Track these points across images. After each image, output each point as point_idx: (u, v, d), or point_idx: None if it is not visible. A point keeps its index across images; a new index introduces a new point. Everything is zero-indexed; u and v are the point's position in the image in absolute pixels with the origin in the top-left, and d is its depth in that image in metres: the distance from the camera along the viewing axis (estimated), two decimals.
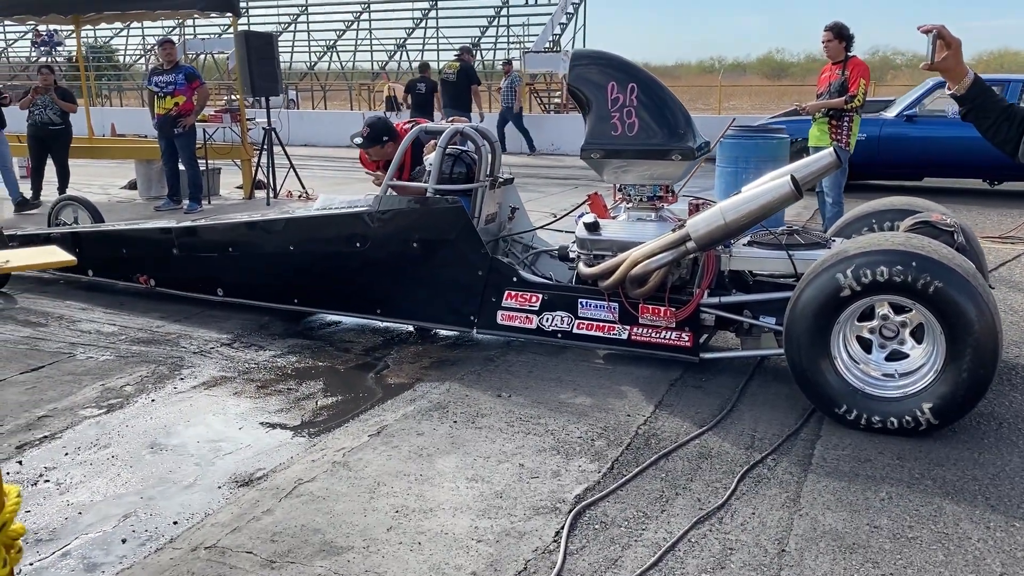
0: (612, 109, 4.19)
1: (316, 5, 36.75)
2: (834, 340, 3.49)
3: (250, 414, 3.72)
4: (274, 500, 2.94)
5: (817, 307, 3.46)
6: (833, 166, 4.32)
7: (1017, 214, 8.78)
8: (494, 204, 4.84)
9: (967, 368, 3.23)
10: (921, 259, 3.27)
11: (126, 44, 38.61)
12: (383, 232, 4.60)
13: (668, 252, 3.92)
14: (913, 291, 3.29)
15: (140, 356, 4.46)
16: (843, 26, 6.59)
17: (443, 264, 4.52)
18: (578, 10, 32.68)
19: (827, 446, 3.35)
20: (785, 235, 4.13)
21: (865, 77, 6.47)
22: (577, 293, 4.29)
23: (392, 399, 3.87)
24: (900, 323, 3.54)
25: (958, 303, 3.21)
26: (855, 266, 3.36)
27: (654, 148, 4.19)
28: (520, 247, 5.00)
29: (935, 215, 4.04)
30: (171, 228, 5.36)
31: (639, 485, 3.05)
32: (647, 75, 4.28)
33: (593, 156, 4.28)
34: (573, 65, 4.29)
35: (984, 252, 4.55)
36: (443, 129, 4.72)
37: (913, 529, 2.74)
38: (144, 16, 10.74)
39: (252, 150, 10.20)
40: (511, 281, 4.41)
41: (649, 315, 4.12)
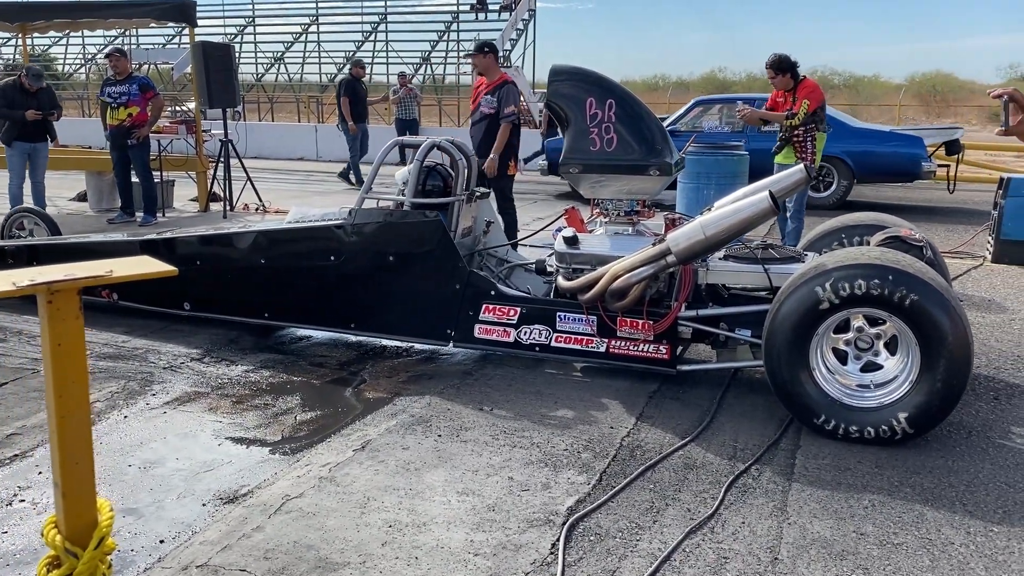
0: (591, 124, 4.24)
1: (264, 16, 36.41)
2: (813, 352, 3.57)
3: (228, 430, 3.66)
4: (263, 517, 2.89)
5: (796, 320, 3.54)
6: (804, 181, 4.44)
7: (963, 229, 9.10)
8: (469, 218, 4.85)
9: (941, 378, 3.33)
10: (897, 273, 3.37)
11: (65, 53, 37.71)
12: (358, 245, 4.57)
13: (648, 266, 3.97)
14: (890, 304, 3.39)
15: (108, 372, 4.34)
16: (780, 59, 6.65)
17: (420, 278, 4.51)
18: (527, 26, 32.95)
19: (807, 456, 3.42)
20: (760, 249, 4.22)
21: (811, 99, 6.55)
22: (556, 306, 4.32)
23: (373, 413, 3.83)
24: (875, 335, 3.64)
25: (933, 315, 3.32)
26: (833, 279, 3.45)
27: (632, 163, 4.25)
28: (495, 261, 5.02)
29: (904, 230, 4.17)
30: (135, 240, 5.25)
31: (629, 496, 3.07)
32: (625, 91, 4.35)
33: (572, 171, 4.32)
34: (552, 80, 4.33)
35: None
36: (420, 142, 4.72)
37: (898, 535, 2.81)
38: (95, 24, 10.50)
39: (208, 162, 10.03)
40: (489, 295, 4.42)
41: (627, 328, 4.16)
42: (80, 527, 2.20)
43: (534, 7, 32.92)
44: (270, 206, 10.06)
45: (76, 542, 2.16)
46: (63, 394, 2.17)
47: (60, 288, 2.14)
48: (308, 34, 34.52)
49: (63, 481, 2.18)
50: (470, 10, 32.93)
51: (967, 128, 36.40)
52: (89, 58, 37.16)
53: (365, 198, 4.61)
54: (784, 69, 6.67)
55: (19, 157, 8.62)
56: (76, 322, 2.17)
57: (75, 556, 2.13)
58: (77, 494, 2.23)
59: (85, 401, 2.24)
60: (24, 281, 2.07)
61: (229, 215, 9.59)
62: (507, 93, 6.65)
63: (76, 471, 2.21)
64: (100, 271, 2.19)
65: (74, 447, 2.20)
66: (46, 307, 2.16)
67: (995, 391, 4.18)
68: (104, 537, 2.18)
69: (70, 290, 2.16)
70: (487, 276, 4.56)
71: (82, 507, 2.23)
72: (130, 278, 2.24)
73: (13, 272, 2.13)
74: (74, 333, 2.19)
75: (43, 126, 8.70)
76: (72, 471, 2.20)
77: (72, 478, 2.20)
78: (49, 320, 2.12)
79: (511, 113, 6.60)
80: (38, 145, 8.72)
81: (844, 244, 4.48)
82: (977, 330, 5.23)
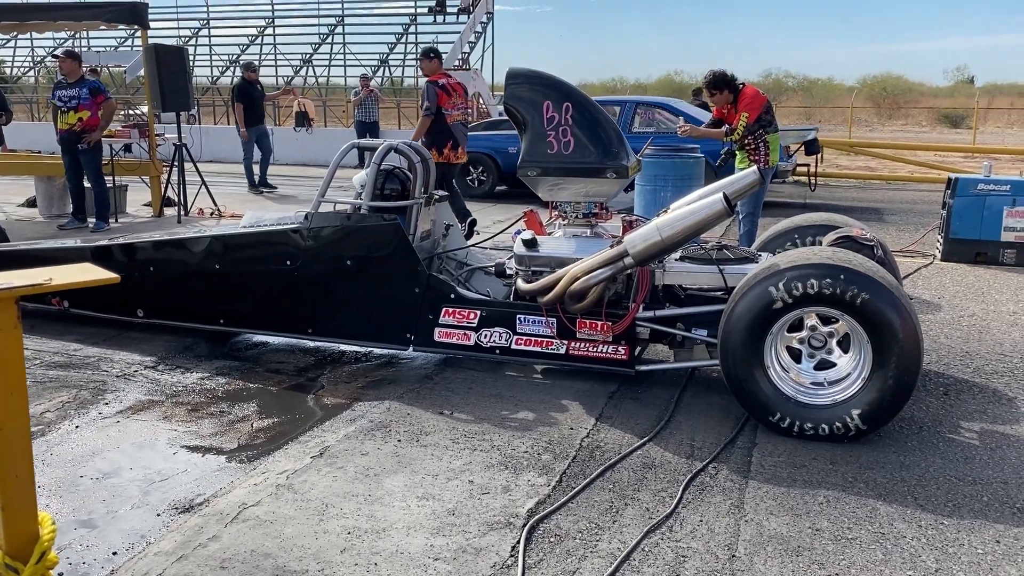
0: (548, 128, 4.25)
1: (219, 19, 35.94)
2: (767, 351, 3.62)
3: (183, 438, 3.60)
4: (219, 526, 2.85)
5: (750, 319, 3.59)
6: (756, 183, 4.50)
7: (914, 229, 9.30)
8: (428, 221, 4.84)
9: (893, 375, 3.40)
10: (849, 272, 3.44)
11: (14, 56, 36.88)
12: (315, 249, 4.53)
13: (606, 268, 3.99)
14: (842, 303, 3.45)
15: (59, 381, 4.25)
16: (716, 78, 6.60)
17: (379, 282, 4.48)
18: (486, 29, 32.96)
19: (763, 453, 3.46)
20: (715, 250, 4.27)
21: (750, 111, 6.48)
22: (515, 309, 4.32)
23: (331, 419, 3.80)
24: (828, 333, 3.71)
25: (884, 313, 3.39)
26: (786, 279, 3.51)
27: (589, 166, 4.27)
28: (454, 264, 5.00)
29: (856, 230, 4.25)
30: (87, 247, 5.14)
31: (588, 497, 3.09)
32: (581, 95, 4.36)
33: (529, 173, 4.33)
34: (508, 84, 4.34)
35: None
36: (377, 145, 4.69)
37: (852, 530, 2.86)
38: (45, 27, 10.26)
39: (161, 166, 9.87)
40: (448, 298, 4.41)
41: (587, 330, 4.18)
42: (21, 542, 2.16)
43: (492, 10, 32.95)
44: (225, 210, 9.92)
45: (17, 557, 2.13)
46: (1, 407, 2.12)
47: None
48: (264, 36, 34.17)
49: (2, 495, 2.14)
50: (428, 13, 32.84)
51: (917, 129, 37.11)
52: (38, 61, 36.39)
53: (321, 202, 4.58)
54: (720, 87, 6.62)
55: None
56: (14, 332, 2.13)
57: (16, 572, 2.08)
58: (17, 508, 2.19)
59: (24, 413, 2.20)
60: None
61: (183, 220, 9.45)
62: (427, 90, 8.01)
63: (15, 485, 2.16)
64: (39, 279, 2.15)
65: (13, 460, 2.16)
66: None
67: (945, 387, 4.27)
68: (46, 551, 2.14)
69: (7, 299, 2.11)
70: (446, 279, 4.55)
71: (23, 521, 2.19)
72: (70, 286, 2.20)
73: None
74: (12, 344, 2.15)
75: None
76: (11, 485, 2.16)
77: (12, 492, 2.16)
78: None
79: (427, 108, 7.91)
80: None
81: (797, 244, 4.55)
82: (927, 327, 5.35)
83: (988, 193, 7.31)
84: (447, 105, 7.96)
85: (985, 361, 4.68)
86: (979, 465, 3.36)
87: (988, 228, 7.29)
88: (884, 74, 50.60)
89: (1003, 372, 4.49)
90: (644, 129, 11.30)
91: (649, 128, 11.34)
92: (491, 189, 12.09)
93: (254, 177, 12.71)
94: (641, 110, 11.71)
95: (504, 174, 11.82)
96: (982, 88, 43.05)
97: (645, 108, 11.78)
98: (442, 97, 7.94)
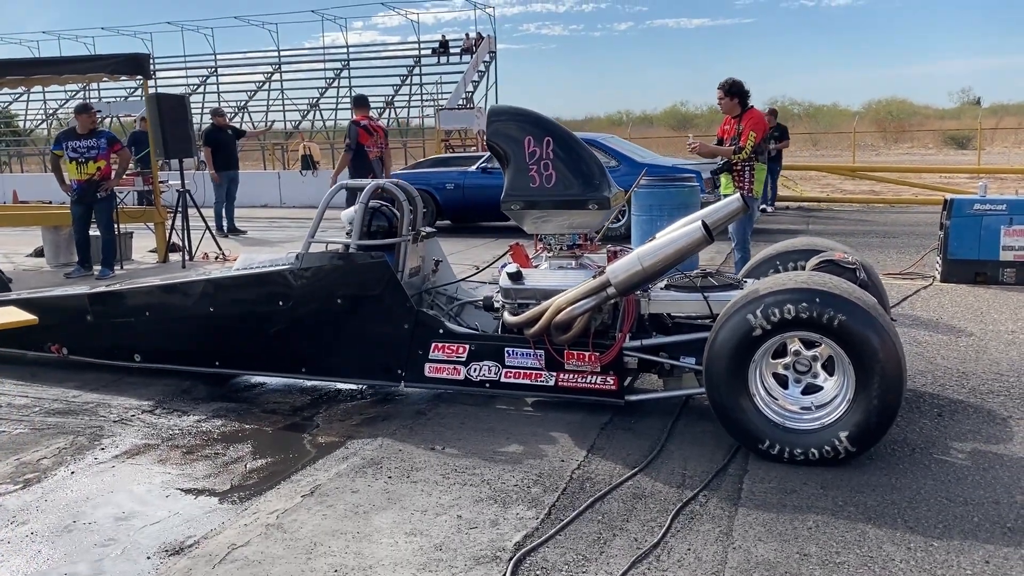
0: (530, 162, 4.31)
1: (226, 66, 36.60)
2: (752, 378, 3.63)
3: (176, 481, 3.63)
4: (207, 567, 2.87)
5: (732, 347, 3.60)
6: (740, 210, 4.51)
7: (914, 251, 9.29)
8: (417, 257, 4.89)
9: (876, 395, 3.40)
10: (823, 295, 3.45)
11: (26, 109, 37.61)
12: (306, 289, 4.59)
13: (590, 298, 4.02)
14: (819, 326, 3.46)
15: (57, 427, 4.30)
16: (733, 83, 6.73)
17: (369, 319, 4.52)
18: (489, 68, 33.39)
19: (754, 480, 3.45)
20: (700, 278, 4.29)
21: (757, 130, 6.60)
22: (503, 342, 4.35)
23: (324, 458, 3.82)
24: (811, 357, 3.72)
25: (862, 334, 3.39)
26: (764, 305, 3.52)
27: (571, 199, 4.32)
28: (445, 299, 5.05)
29: (838, 254, 4.27)
30: (83, 294, 5.22)
31: (577, 529, 3.08)
32: (562, 129, 4.42)
33: (513, 207, 4.38)
34: (491, 121, 4.40)
35: (886, 287, 4.81)
36: (364, 185, 4.76)
37: (840, 555, 2.84)
38: (50, 80, 10.49)
39: (166, 213, 10.01)
40: (438, 333, 4.44)
41: (575, 361, 4.19)
42: None
43: (495, 49, 33.43)
44: (230, 255, 10.03)
45: None
46: None
47: None
48: (271, 83, 34.73)
49: None
50: (432, 54, 33.36)
51: (923, 151, 36.99)
52: (50, 113, 37.05)
53: (311, 242, 4.64)
54: (735, 93, 6.74)
55: None
56: None
57: None
58: None
59: None
60: None
61: (188, 265, 9.55)
62: (348, 129, 9.47)
63: None
64: None
65: None
66: None
67: (939, 408, 4.25)
68: None
69: None
70: (436, 315, 4.59)
71: None
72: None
73: None
74: None
75: None
76: None
77: None
78: None
79: (347, 144, 9.36)
80: None
81: (779, 270, 4.56)
82: (924, 348, 5.34)
83: (985, 213, 7.32)
84: (368, 143, 9.29)
85: (981, 381, 4.66)
86: (970, 485, 3.34)
87: (986, 248, 7.29)
88: (889, 98, 50.83)
89: (998, 392, 4.47)
90: None
91: None
92: (431, 223, 12.38)
93: (223, 222, 12.85)
94: None
95: (442, 209, 12.44)
96: (988, 109, 43.11)
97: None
98: (363, 135, 9.26)
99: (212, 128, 13.22)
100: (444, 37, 34.04)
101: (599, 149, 11.76)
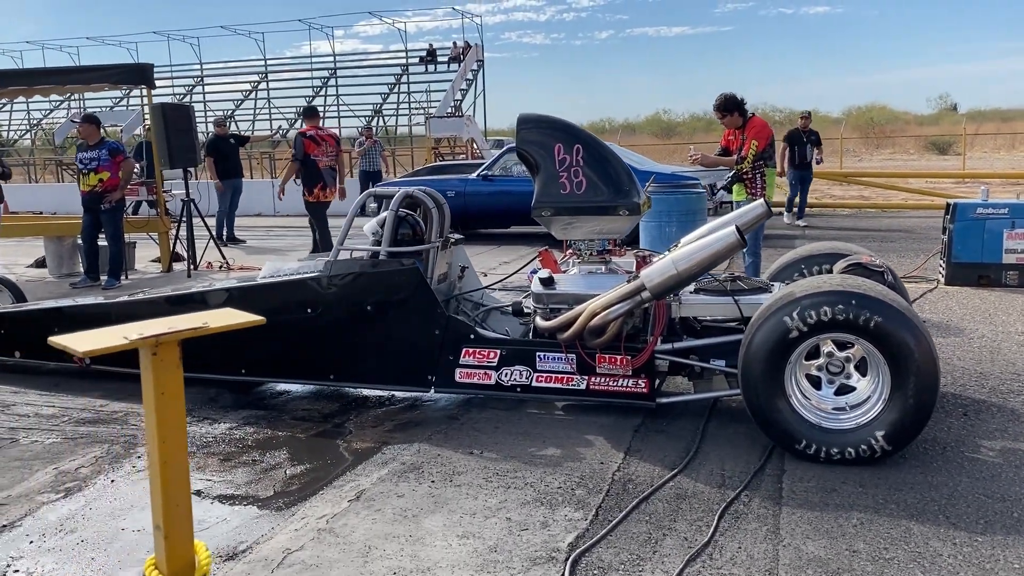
0: (560, 169, 4.36)
1: (212, 75, 36.46)
2: (788, 379, 3.69)
3: (218, 488, 3.64)
4: (266, 572, 2.89)
5: (769, 349, 3.66)
6: (765, 215, 4.60)
7: (913, 255, 9.43)
8: (444, 264, 4.93)
9: (912, 394, 3.47)
10: (860, 297, 3.53)
11: (10, 119, 37.30)
12: (336, 297, 4.61)
13: (624, 303, 4.07)
14: (856, 327, 3.54)
15: (89, 437, 4.30)
16: (725, 100, 6.76)
17: (399, 325, 4.56)
18: (477, 76, 33.45)
19: (794, 479, 3.52)
20: (729, 281, 4.36)
21: (759, 138, 6.68)
22: (535, 347, 4.39)
23: (363, 463, 3.85)
24: (844, 359, 3.79)
25: (898, 334, 3.47)
26: (800, 308, 3.59)
27: (602, 204, 4.37)
28: (471, 305, 5.08)
29: (865, 257, 4.35)
30: (107, 303, 5.22)
31: (626, 529, 3.13)
32: (590, 136, 4.49)
33: (544, 214, 4.44)
34: (520, 129, 4.45)
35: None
36: (392, 193, 4.80)
37: (888, 551, 2.91)
38: (53, 90, 10.47)
39: (169, 222, 9.99)
40: (468, 338, 4.48)
41: (606, 364, 4.24)
42: (180, 567, 2.39)
43: (482, 57, 33.51)
44: (234, 263, 10.02)
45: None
46: (166, 439, 2.36)
47: (165, 340, 2.33)
48: (258, 91, 34.63)
49: (165, 523, 2.40)
50: (419, 63, 33.39)
51: (905, 157, 37.43)
52: (34, 124, 36.76)
53: (340, 250, 4.67)
54: (730, 109, 6.81)
55: None
56: (177, 371, 2.42)
57: None
58: (177, 536, 2.42)
59: (184, 446, 2.42)
60: (133, 335, 2.30)
61: (193, 274, 9.54)
62: (295, 140, 9.91)
63: (176, 513, 2.43)
64: (197, 323, 2.44)
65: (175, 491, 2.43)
66: (150, 358, 2.34)
67: (963, 407, 4.34)
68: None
69: (172, 342, 2.31)
70: (465, 320, 4.63)
71: (182, 548, 2.43)
72: (223, 329, 2.43)
73: (120, 327, 2.36)
74: (176, 382, 2.39)
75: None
76: (173, 513, 2.41)
77: (173, 520, 2.43)
78: (153, 370, 2.33)
79: (293, 154, 9.86)
80: None
81: (804, 274, 4.64)
82: (939, 350, 5.41)
83: (987, 217, 7.45)
84: (316, 152, 9.63)
85: (1000, 381, 4.75)
86: (1005, 483, 3.42)
87: (989, 251, 7.41)
88: (869, 104, 51.37)
89: (1018, 391, 4.57)
90: None
91: None
92: None
93: (223, 230, 12.84)
94: None
95: None
96: (966, 115, 43.66)
97: None
98: (309, 145, 9.59)
99: (214, 138, 13.23)
100: (431, 45, 34.09)
101: None
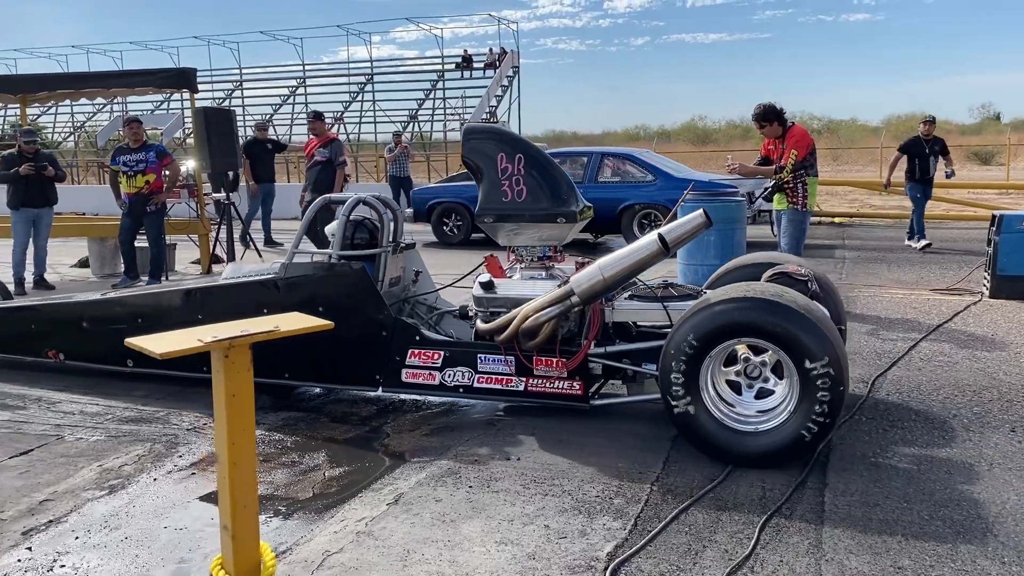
0: (502, 178, 4.53)
1: (251, 80, 36.96)
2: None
3: (258, 488, 3.66)
4: (305, 573, 2.91)
5: None
6: (703, 226, 4.22)
7: (956, 266, 9.27)
8: (397, 268, 5.09)
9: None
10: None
11: (54, 121, 38.11)
12: (290, 298, 4.69)
13: (555, 306, 4.19)
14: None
15: (132, 435, 4.36)
16: (763, 111, 6.73)
17: (349, 326, 4.61)
18: (512, 82, 33.54)
19: (835, 493, 3.47)
20: (661, 288, 4.47)
21: (798, 148, 6.63)
22: (476, 349, 4.51)
23: (401, 467, 3.87)
24: (760, 363, 3.88)
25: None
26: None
27: (541, 212, 4.53)
28: (424, 308, 5.25)
29: (791, 267, 4.49)
30: (79, 302, 5.44)
31: (666, 540, 3.11)
32: (533, 146, 4.66)
33: (486, 220, 4.61)
34: (467, 139, 4.64)
35: (935, 303, 4.82)
36: (346, 199, 4.97)
37: (935, 568, 2.85)
38: (99, 93, 10.70)
39: (209, 224, 10.13)
40: (414, 340, 4.60)
41: (543, 366, 4.36)
42: (247, 568, 2.41)
43: (518, 64, 33.60)
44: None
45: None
46: (236, 441, 2.38)
47: (237, 344, 2.33)
48: (296, 96, 35.03)
49: (232, 524, 2.40)
50: (455, 68, 33.58)
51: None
52: (78, 126, 37.52)
53: (296, 253, 4.81)
54: (770, 119, 6.76)
55: (23, 223, 8.75)
56: (248, 374, 2.42)
57: None
58: (244, 536, 2.44)
59: (252, 449, 2.44)
60: (208, 338, 2.34)
61: None
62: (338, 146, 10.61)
63: (244, 515, 2.42)
64: (269, 327, 2.47)
65: (243, 492, 2.41)
66: (222, 361, 2.40)
67: (1011, 423, 4.25)
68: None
69: (244, 345, 2.34)
70: (414, 323, 4.74)
71: (249, 548, 2.45)
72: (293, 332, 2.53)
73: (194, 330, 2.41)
74: (246, 385, 2.41)
75: (43, 191, 8.82)
76: (241, 514, 2.40)
77: (240, 521, 2.44)
78: (225, 373, 2.34)
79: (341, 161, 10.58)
80: (42, 211, 8.86)
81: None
82: (985, 364, 5.34)
83: None
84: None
85: None
86: None
87: None
88: (909, 113, 50.59)
89: None
90: (611, 179, 11.87)
91: (615, 178, 11.87)
92: (467, 236, 12.62)
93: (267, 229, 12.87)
94: (609, 161, 12.14)
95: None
96: (1009, 124, 42.88)
97: (612, 159, 12.22)
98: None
99: (251, 141, 13.23)
100: (467, 52, 34.27)
101: (635, 163, 11.88)
